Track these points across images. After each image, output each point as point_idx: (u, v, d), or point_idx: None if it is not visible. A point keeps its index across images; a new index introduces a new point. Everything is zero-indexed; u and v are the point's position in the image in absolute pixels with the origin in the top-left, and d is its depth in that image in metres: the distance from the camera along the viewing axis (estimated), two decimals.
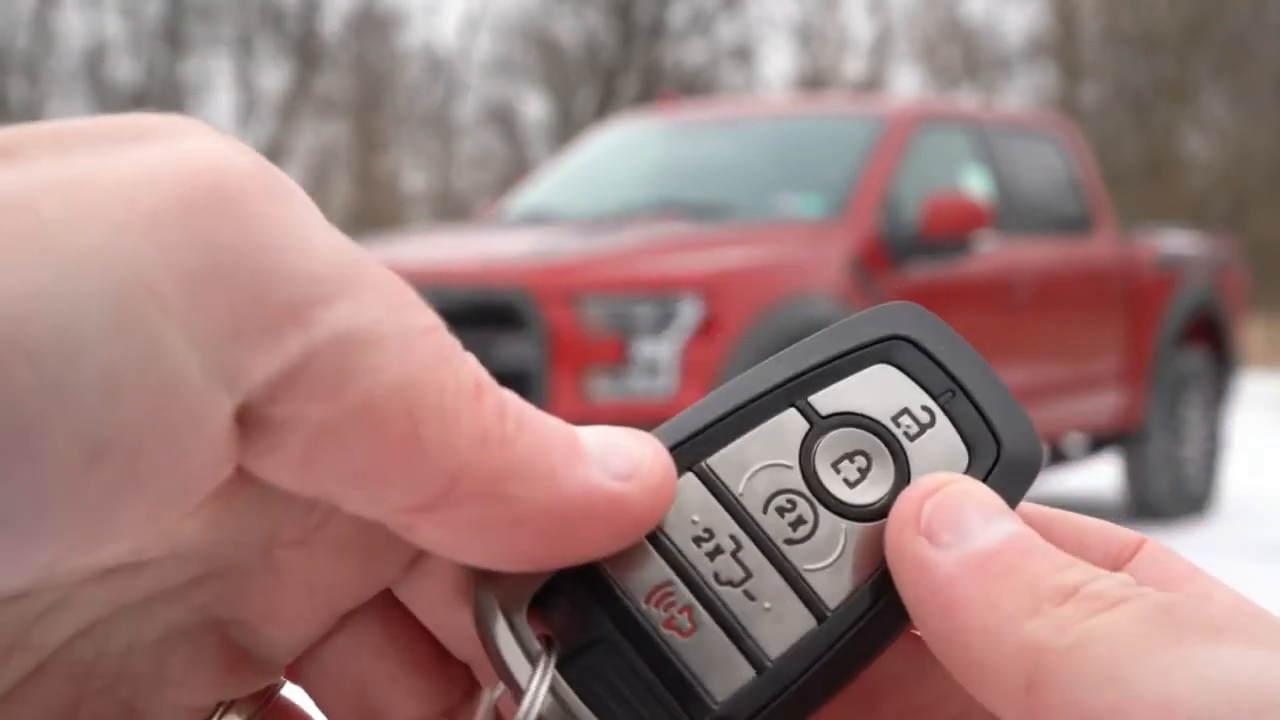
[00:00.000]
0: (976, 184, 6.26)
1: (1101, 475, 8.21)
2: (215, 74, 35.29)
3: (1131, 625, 0.27)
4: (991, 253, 5.95)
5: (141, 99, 34.87)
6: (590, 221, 5.64)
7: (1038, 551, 0.29)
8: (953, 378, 0.34)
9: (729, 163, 6.18)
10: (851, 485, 0.32)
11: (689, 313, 4.64)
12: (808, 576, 0.32)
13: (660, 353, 4.62)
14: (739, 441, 0.33)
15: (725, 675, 0.31)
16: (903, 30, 32.14)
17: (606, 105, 31.28)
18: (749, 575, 0.31)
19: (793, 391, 0.33)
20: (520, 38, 34.71)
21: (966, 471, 0.33)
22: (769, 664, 0.31)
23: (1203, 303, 7.33)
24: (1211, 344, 7.54)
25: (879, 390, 0.33)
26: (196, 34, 35.09)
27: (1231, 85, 25.96)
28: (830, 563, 0.32)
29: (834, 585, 0.31)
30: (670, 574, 0.31)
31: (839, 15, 32.59)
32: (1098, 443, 7.14)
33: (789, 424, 0.33)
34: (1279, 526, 6.99)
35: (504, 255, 4.99)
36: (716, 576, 0.31)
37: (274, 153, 35.02)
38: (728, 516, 0.32)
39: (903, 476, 0.32)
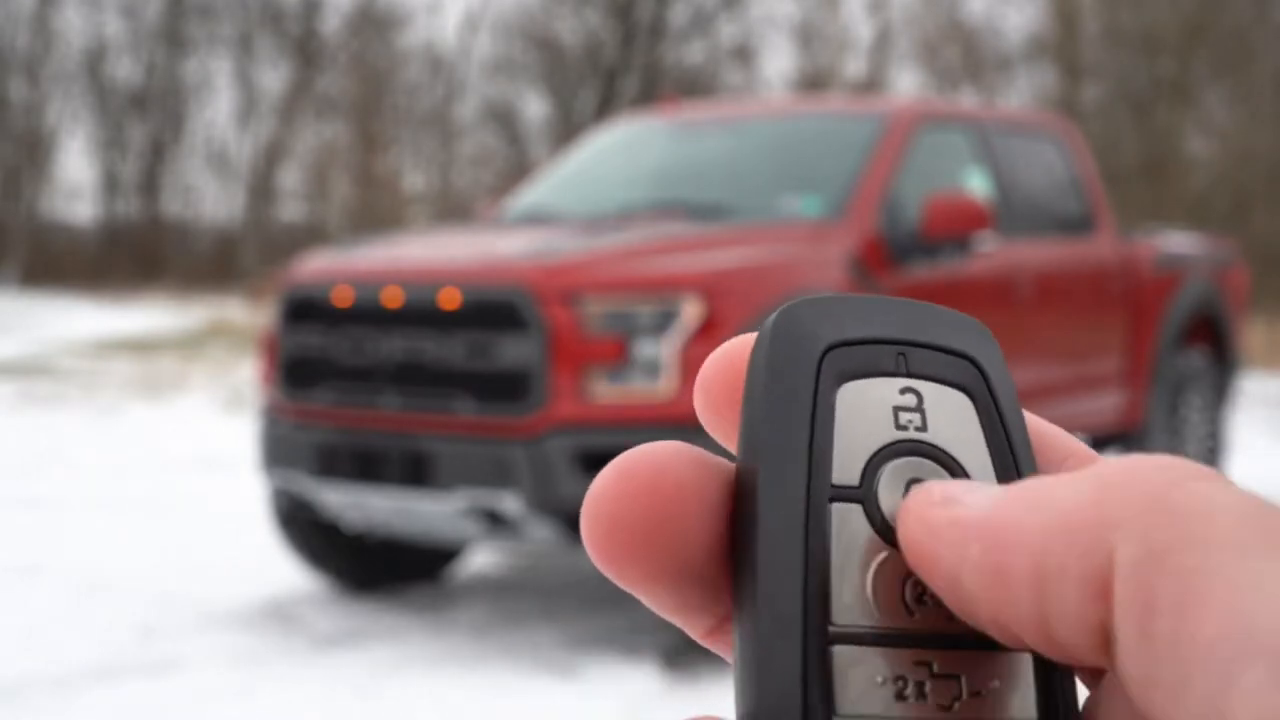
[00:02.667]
0: (977, 184, 6.26)
1: None
2: (215, 74, 35.28)
3: None
4: (992, 253, 5.95)
5: (141, 99, 34.86)
6: (590, 221, 5.64)
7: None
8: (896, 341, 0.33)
9: (729, 163, 6.17)
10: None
11: (689, 313, 4.64)
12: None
13: (660, 353, 4.62)
14: None
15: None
16: (903, 30, 32.12)
17: (606, 105, 31.25)
18: (960, 677, 0.31)
19: None
20: (520, 38, 34.70)
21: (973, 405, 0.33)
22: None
23: (1203, 303, 7.33)
24: (1211, 344, 7.54)
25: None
26: (196, 34, 35.08)
27: (1232, 85, 25.94)
28: None
29: None
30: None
31: (839, 15, 32.57)
32: (1098, 443, 7.13)
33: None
34: None
35: (504, 255, 4.98)
36: (942, 708, 0.31)
37: (274, 153, 35.00)
38: (899, 650, 0.31)
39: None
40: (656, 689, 4.32)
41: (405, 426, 4.80)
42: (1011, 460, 0.32)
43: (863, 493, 0.31)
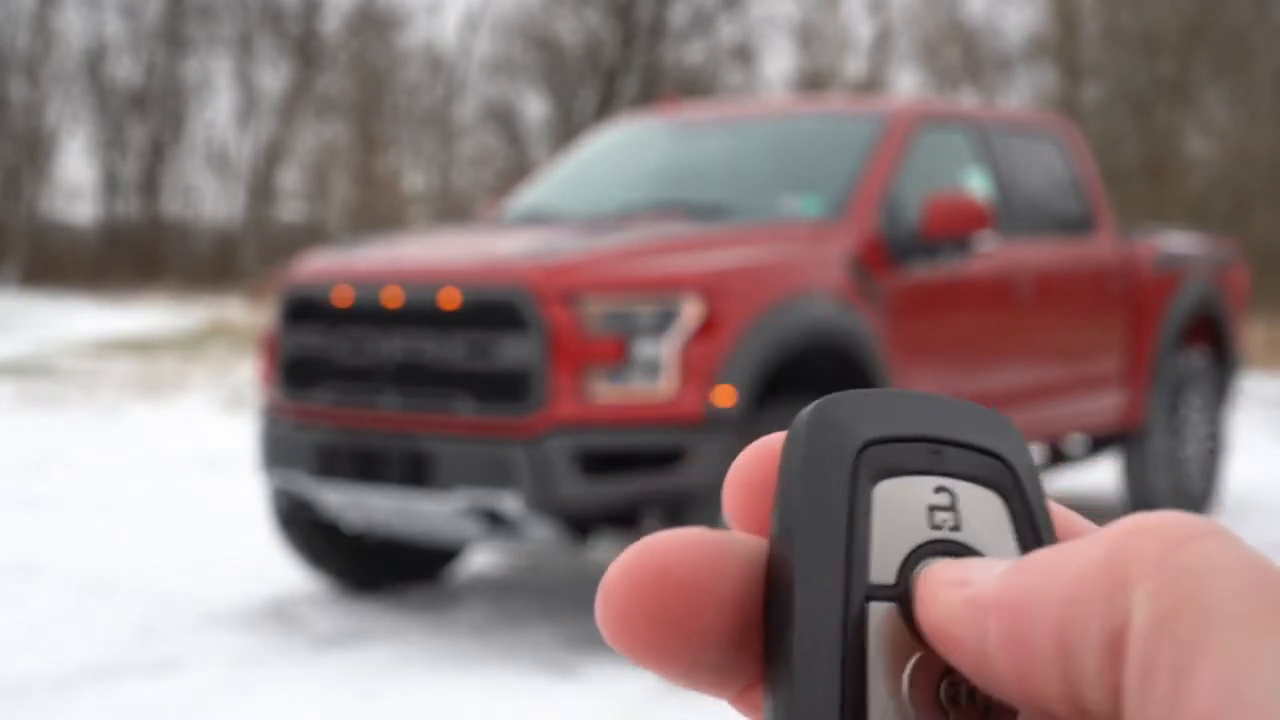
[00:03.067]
0: (977, 184, 6.26)
1: (1102, 475, 8.20)
2: (215, 74, 35.27)
3: None
4: (991, 253, 5.95)
5: (141, 99, 34.86)
6: (590, 221, 5.63)
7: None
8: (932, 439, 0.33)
9: (729, 163, 6.17)
10: None
11: (689, 313, 4.64)
12: None
13: (660, 353, 4.61)
14: None
15: None
16: (903, 30, 32.12)
17: (606, 105, 31.24)
18: None
19: None
20: (520, 38, 34.69)
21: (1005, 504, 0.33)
22: None
23: (1203, 303, 7.33)
24: (1211, 344, 7.54)
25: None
26: (196, 34, 35.07)
27: (1232, 85, 25.93)
28: None
29: None
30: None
31: (839, 15, 32.57)
32: (1098, 443, 7.13)
33: None
34: (1279, 527, 6.99)
35: (504, 255, 4.98)
36: None
37: (274, 153, 35.00)
38: None
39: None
40: (656, 689, 4.32)
41: (405, 426, 4.80)
42: None
43: (899, 592, 0.31)
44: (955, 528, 0.32)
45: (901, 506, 0.32)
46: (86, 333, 18.77)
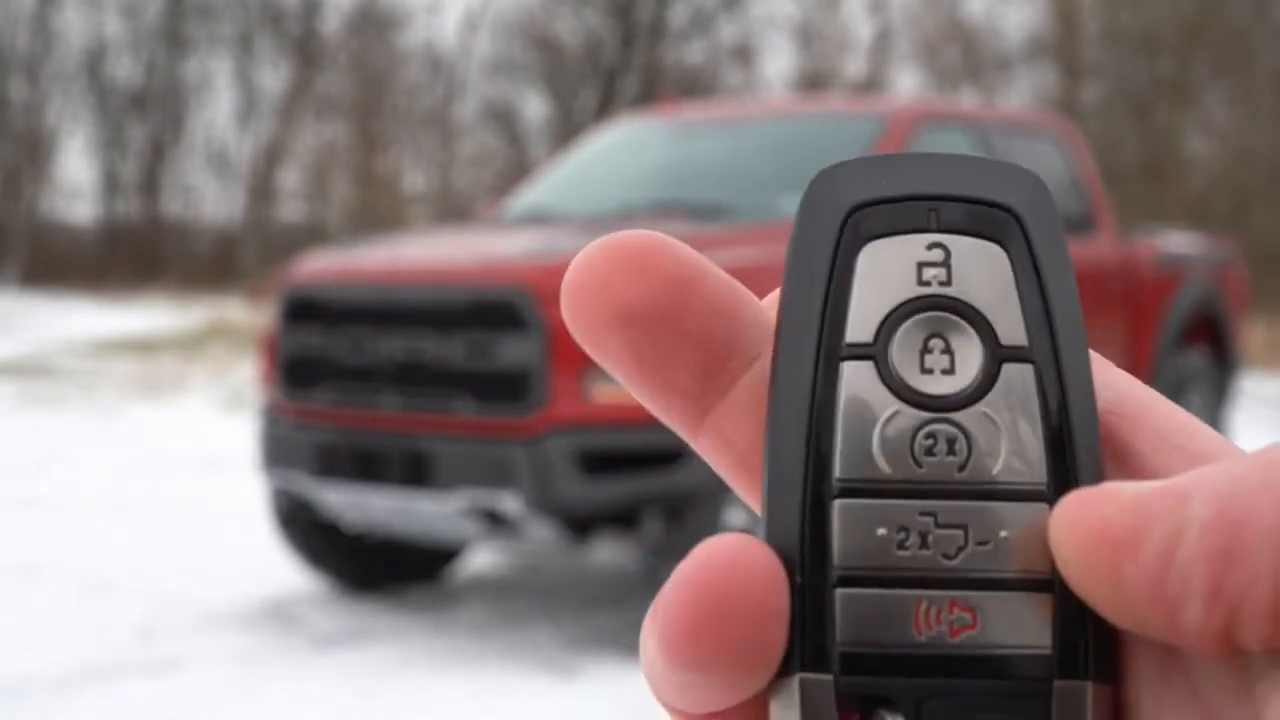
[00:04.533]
0: None
1: None
2: (215, 74, 35.27)
3: None
4: None
5: (141, 99, 34.87)
6: (590, 221, 5.63)
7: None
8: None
9: (729, 163, 6.17)
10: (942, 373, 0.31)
11: None
12: (1000, 483, 0.30)
13: None
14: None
15: (1035, 627, 0.30)
16: (903, 30, 32.12)
17: (606, 105, 31.25)
18: (966, 528, 0.30)
19: None
20: (520, 38, 34.69)
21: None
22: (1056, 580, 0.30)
23: (1203, 303, 7.33)
24: (1211, 344, 7.54)
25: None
26: (196, 34, 35.07)
27: (1231, 85, 25.94)
28: (1005, 449, 0.30)
29: (1021, 464, 0.30)
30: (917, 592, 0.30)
31: (839, 15, 32.57)
32: None
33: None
34: None
35: (504, 255, 4.98)
36: (946, 557, 0.30)
37: (274, 153, 35.01)
38: (903, 502, 0.30)
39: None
40: None
41: (405, 426, 4.80)
42: (1045, 317, 0.31)
43: (876, 350, 0.31)
44: (945, 283, 0.31)
45: (887, 266, 0.32)
46: (86, 333, 18.77)
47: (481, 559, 6.18)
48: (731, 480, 0.34)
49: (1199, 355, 7.34)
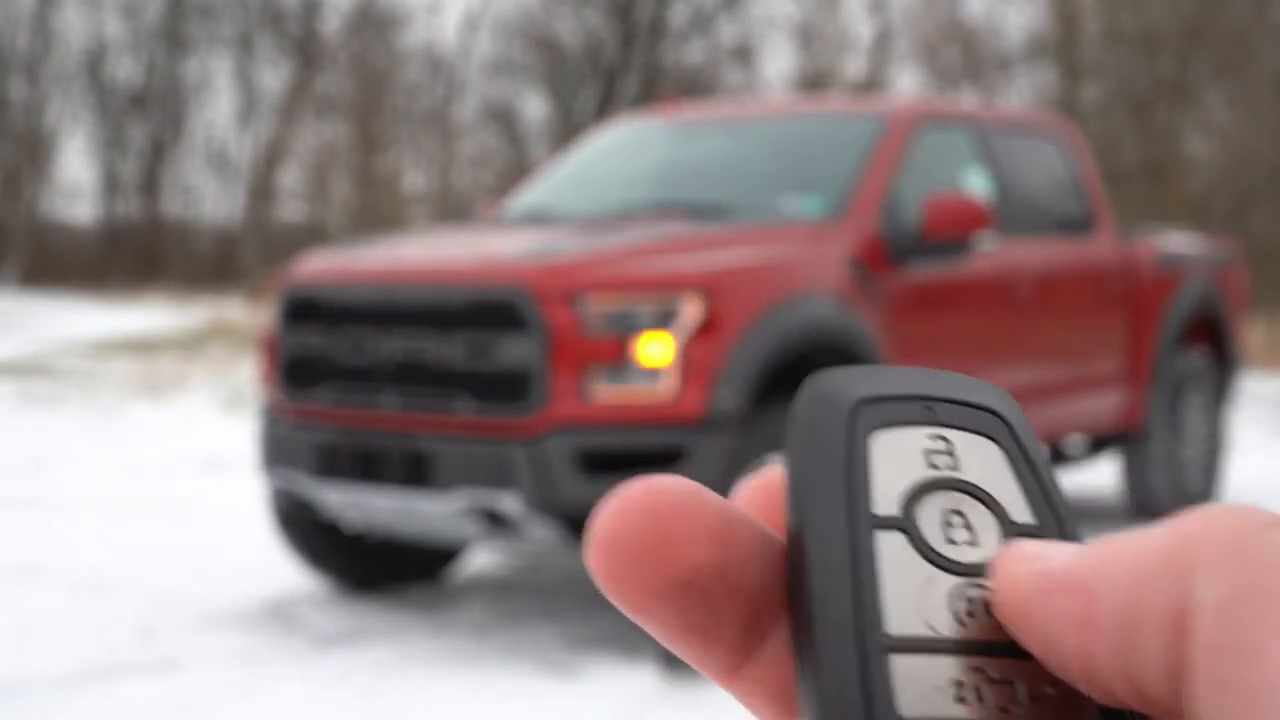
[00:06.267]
0: (977, 184, 6.26)
1: (1102, 475, 8.20)
2: (215, 74, 35.27)
3: None
4: (992, 253, 5.95)
5: (141, 99, 34.86)
6: (590, 221, 5.63)
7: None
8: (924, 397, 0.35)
9: (729, 163, 6.17)
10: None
11: (689, 313, 4.64)
12: None
13: (661, 353, 4.61)
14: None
15: None
16: (903, 30, 32.11)
17: (606, 105, 31.25)
18: (1013, 684, 0.32)
19: None
20: (520, 38, 34.69)
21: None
22: None
23: (1203, 303, 7.33)
24: (1211, 344, 7.54)
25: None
26: (196, 34, 35.07)
27: (1232, 85, 25.93)
28: None
29: None
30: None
31: (839, 15, 32.56)
32: (1098, 443, 7.13)
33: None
34: None
35: (504, 255, 4.98)
36: (1003, 710, 0.31)
37: (274, 153, 35.00)
38: (954, 659, 0.32)
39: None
40: (656, 689, 4.32)
41: (405, 426, 4.80)
42: (1044, 499, 0.34)
43: (905, 522, 0.33)
44: (954, 468, 0.34)
45: (899, 452, 0.34)
46: (86, 333, 18.76)
47: (481, 559, 6.18)
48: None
49: (1199, 355, 7.34)
